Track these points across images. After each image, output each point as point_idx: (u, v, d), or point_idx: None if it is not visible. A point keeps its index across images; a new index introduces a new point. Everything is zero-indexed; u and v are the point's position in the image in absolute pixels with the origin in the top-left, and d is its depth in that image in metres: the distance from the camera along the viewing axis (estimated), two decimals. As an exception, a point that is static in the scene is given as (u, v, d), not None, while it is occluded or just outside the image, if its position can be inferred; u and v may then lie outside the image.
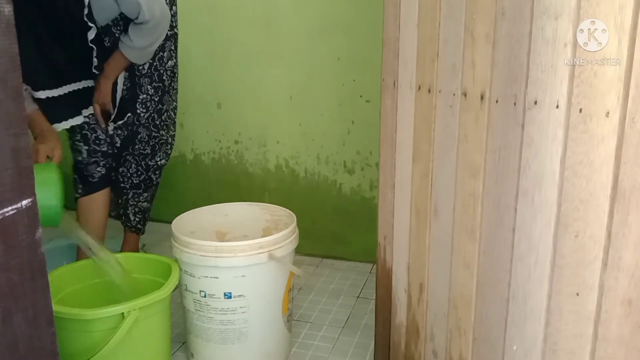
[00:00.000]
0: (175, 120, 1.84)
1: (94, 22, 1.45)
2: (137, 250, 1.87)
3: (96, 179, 1.67)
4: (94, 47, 1.48)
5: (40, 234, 0.54)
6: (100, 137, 1.64)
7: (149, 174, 1.78)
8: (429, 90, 0.98)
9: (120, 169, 1.73)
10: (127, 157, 1.71)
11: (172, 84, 1.76)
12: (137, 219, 1.82)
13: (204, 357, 1.39)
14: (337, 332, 1.62)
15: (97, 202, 1.69)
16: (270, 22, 2.06)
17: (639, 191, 0.72)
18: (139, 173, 1.75)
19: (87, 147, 1.63)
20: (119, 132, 1.67)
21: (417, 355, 1.13)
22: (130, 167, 1.73)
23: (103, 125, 1.61)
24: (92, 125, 1.61)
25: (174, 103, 1.80)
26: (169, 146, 1.83)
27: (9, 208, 0.51)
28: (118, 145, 1.69)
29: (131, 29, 1.50)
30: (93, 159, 1.64)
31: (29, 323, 0.54)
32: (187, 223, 1.46)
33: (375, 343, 1.33)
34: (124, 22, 1.54)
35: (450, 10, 0.91)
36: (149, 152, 1.75)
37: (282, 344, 1.44)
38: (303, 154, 2.15)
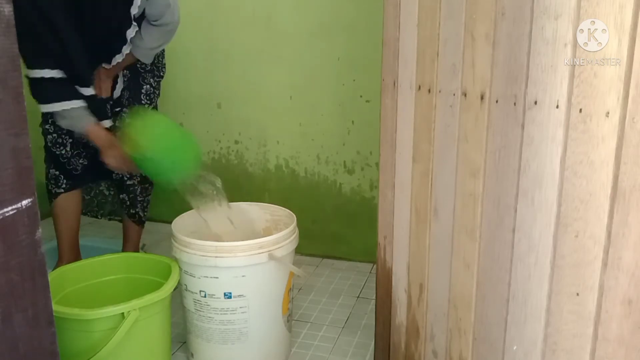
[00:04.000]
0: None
1: (135, 21, 1.48)
2: (137, 247, 1.87)
3: (79, 171, 1.69)
4: (127, 41, 1.50)
5: (40, 234, 0.54)
6: None
7: None
8: (429, 90, 0.98)
9: None
10: None
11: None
12: (145, 213, 1.84)
13: (204, 357, 1.39)
14: (337, 332, 1.62)
15: (74, 200, 1.71)
16: (270, 22, 2.06)
17: (639, 191, 0.72)
18: None
19: (71, 140, 1.65)
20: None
21: (417, 355, 1.13)
22: None
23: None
24: None
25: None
26: None
27: (9, 208, 0.51)
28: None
29: (146, 29, 1.52)
30: (76, 151, 1.67)
31: (29, 323, 0.54)
32: (187, 223, 1.46)
33: (375, 343, 1.33)
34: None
35: (450, 10, 0.91)
36: None
37: (282, 344, 1.44)
38: (303, 154, 2.15)
